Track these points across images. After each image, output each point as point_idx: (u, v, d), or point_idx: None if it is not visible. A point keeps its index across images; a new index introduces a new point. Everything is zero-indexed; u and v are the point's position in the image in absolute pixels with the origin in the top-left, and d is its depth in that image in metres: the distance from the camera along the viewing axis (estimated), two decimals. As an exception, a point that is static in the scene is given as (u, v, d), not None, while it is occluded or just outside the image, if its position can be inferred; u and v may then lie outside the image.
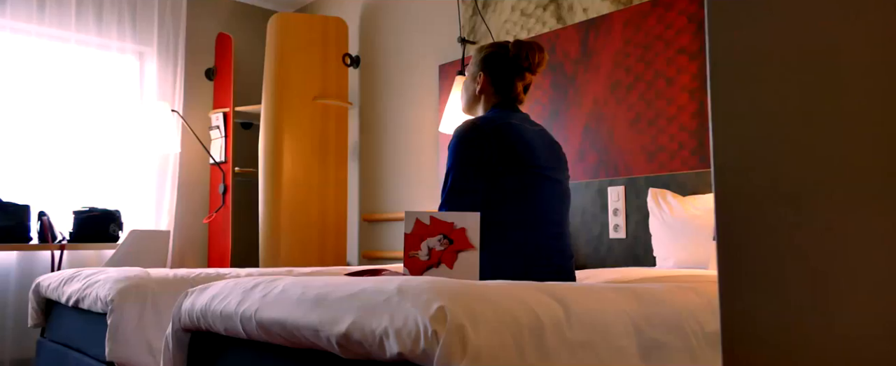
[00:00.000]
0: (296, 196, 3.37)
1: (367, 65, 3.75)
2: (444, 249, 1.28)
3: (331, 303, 1.04)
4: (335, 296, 1.05)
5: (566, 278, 1.67)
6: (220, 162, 3.63)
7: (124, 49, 3.52)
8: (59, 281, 2.05)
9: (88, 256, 3.33)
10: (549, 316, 0.94)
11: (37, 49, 3.23)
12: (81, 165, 3.32)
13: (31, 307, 2.24)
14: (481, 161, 1.59)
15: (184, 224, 3.66)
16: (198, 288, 1.44)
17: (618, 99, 2.59)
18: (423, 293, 0.92)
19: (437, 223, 1.28)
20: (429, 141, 3.37)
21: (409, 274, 1.30)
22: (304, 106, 3.45)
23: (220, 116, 3.66)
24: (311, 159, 3.45)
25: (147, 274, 1.85)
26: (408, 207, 3.47)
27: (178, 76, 3.63)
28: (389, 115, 3.60)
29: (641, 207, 2.45)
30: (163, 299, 1.77)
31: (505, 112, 1.71)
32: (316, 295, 1.09)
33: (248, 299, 1.25)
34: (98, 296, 1.77)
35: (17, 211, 2.95)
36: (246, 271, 2.02)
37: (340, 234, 3.53)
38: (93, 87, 3.40)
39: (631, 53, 2.55)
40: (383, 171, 3.62)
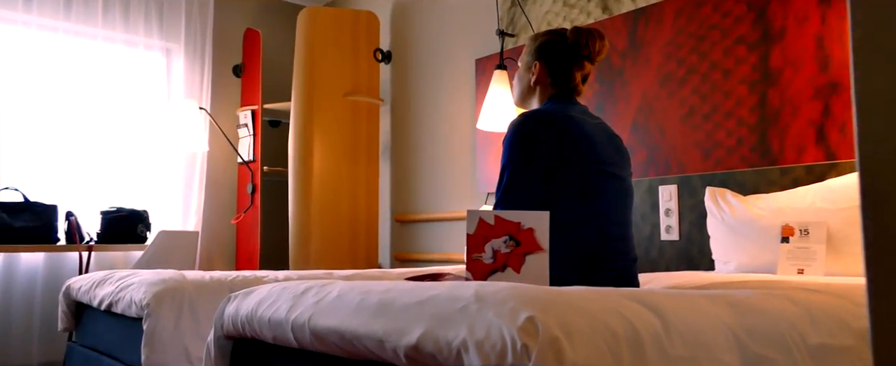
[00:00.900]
0: (326, 196, 3.31)
1: (399, 60, 3.68)
2: (511, 252, 1.19)
3: (397, 311, 0.96)
4: (401, 303, 0.97)
5: (629, 283, 1.57)
6: (249, 161, 3.58)
7: (151, 46, 3.48)
8: (90, 284, 2.00)
9: (116, 257, 3.30)
10: (646, 328, 0.85)
11: (64, 46, 3.21)
12: (108, 163, 3.30)
13: (61, 311, 2.20)
14: (539, 157, 1.50)
15: (211, 225, 3.62)
16: (241, 292, 1.38)
17: (669, 93, 2.48)
18: (507, 301, 0.83)
19: (502, 223, 1.20)
20: (464, 139, 3.29)
21: (471, 278, 1.21)
22: (334, 103, 3.39)
23: (248, 114, 3.61)
24: (341, 158, 3.38)
25: (182, 277, 1.79)
26: (441, 207, 3.39)
27: (205, 73, 3.59)
28: (422, 111, 3.53)
29: (696, 206, 2.34)
30: (200, 303, 1.71)
31: (563, 104, 1.62)
32: (378, 302, 1.01)
33: (300, 305, 1.17)
34: (132, 300, 1.71)
35: (44, 211, 2.92)
36: (284, 274, 1.96)
37: (372, 235, 3.47)
38: (120, 85, 3.37)
39: (683, 44, 2.44)
40: (416, 170, 3.54)
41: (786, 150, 2.15)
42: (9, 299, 2.97)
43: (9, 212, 2.82)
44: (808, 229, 1.90)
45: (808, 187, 2.00)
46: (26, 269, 3.04)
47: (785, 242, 1.93)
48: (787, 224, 1.94)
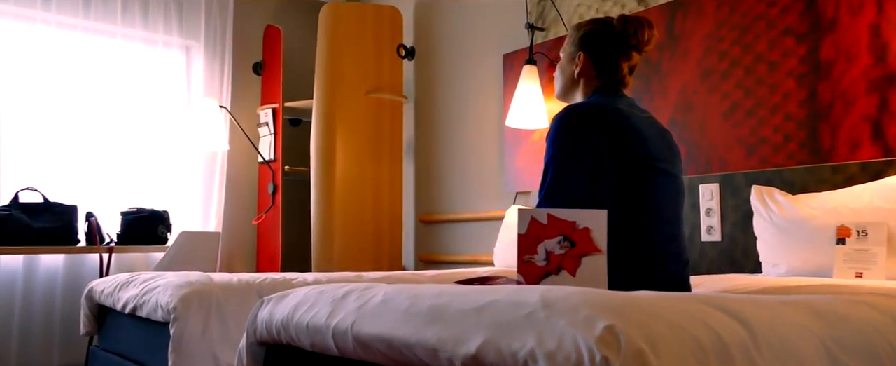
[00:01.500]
0: (349, 196, 3.26)
1: (423, 56, 3.62)
2: (565, 254, 1.12)
3: (452, 317, 0.90)
4: (457, 309, 0.91)
5: (681, 287, 1.50)
6: (270, 160, 3.54)
7: (171, 43, 3.45)
8: (113, 286, 1.96)
9: (136, 258, 3.27)
10: (733, 338, 0.78)
11: (82, 44, 3.18)
12: (127, 163, 3.27)
13: (83, 314, 2.16)
14: (586, 152, 1.43)
15: (232, 225, 3.58)
16: (275, 296, 1.32)
17: (709, 88, 2.39)
18: (579, 308, 0.76)
19: (555, 222, 1.13)
20: (492, 136, 3.22)
21: (523, 282, 1.14)
22: (357, 101, 3.33)
23: (268, 113, 3.57)
24: (364, 157, 3.33)
25: (209, 279, 1.74)
26: (467, 207, 3.32)
27: (225, 71, 3.55)
28: (447, 109, 3.46)
29: (739, 206, 2.26)
30: (228, 306, 1.66)
31: (610, 97, 1.54)
32: (430, 307, 0.95)
33: (341, 309, 1.11)
34: (158, 303, 1.66)
35: (64, 212, 2.89)
36: (313, 277, 1.90)
37: (396, 236, 3.41)
38: (139, 84, 3.35)
39: (725, 37, 2.36)
40: (441, 169, 3.48)
41: (838, 146, 2.06)
42: (29, 301, 2.95)
43: (29, 213, 2.80)
44: (866, 230, 1.81)
45: (865, 186, 1.91)
46: (46, 270, 3.02)
47: (841, 244, 1.84)
48: (842, 225, 1.85)
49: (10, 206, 2.78)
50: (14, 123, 2.99)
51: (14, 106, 3.00)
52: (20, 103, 3.01)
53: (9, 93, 2.99)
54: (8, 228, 2.70)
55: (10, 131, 2.98)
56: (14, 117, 2.99)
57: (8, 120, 2.98)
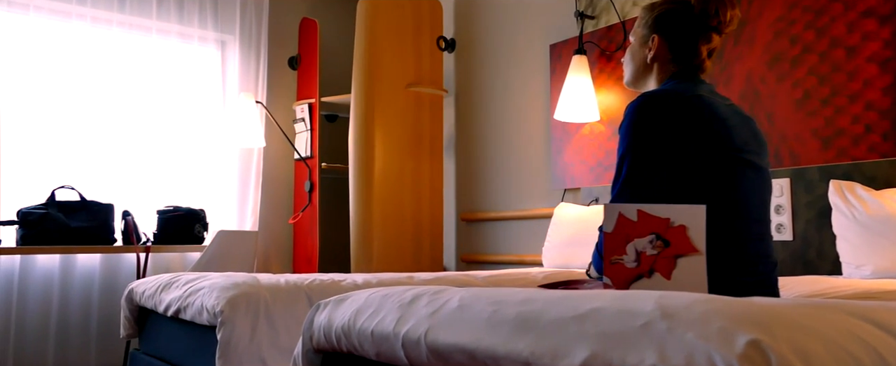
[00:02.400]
0: (388, 194, 3.18)
1: (464, 48, 3.53)
2: (658, 254, 1.02)
3: (547, 326, 0.80)
4: (553, 317, 0.81)
5: (770, 291, 1.38)
6: (306, 157, 3.48)
7: (206, 38, 3.41)
8: (155, 288, 1.91)
9: (171, 258, 3.24)
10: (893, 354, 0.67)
11: (118, 40, 3.16)
12: (161, 160, 3.24)
13: (124, 316, 2.12)
14: (665, 144, 1.32)
15: (268, 224, 3.54)
16: (332, 300, 1.24)
17: (779, 75, 2.26)
18: (710, 319, 0.67)
19: (646, 220, 1.03)
20: (538, 131, 3.11)
21: (611, 286, 1.05)
22: (396, 95, 3.25)
23: (304, 108, 3.51)
24: (404, 153, 3.25)
25: (256, 280, 1.67)
26: (512, 205, 3.22)
27: (261, 66, 3.50)
28: (490, 103, 3.37)
29: (813, 202, 2.12)
30: (276, 309, 1.59)
31: (688, 83, 1.43)
32: (519, 315, 0.86)
33: (411, 316, 1.02)
34: (204, 306, 1.60)
35: (101, 211, 2.86)
36: (363, 278, 1.82)
37: (436, 235, 3.32)
38: (174, 80, 3.31)
39: (797, 20, 2.22)
40: (483, 165, 3.38)
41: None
42: (66, 302, 2.93)
43: (65, 211, 2.78)
44: (967, 228, 1.67)
45: (963, 179, 1.76)
46: (83, 270, 3.00)
47: (938, 243, 1.70)
48: (939, 222, 1.71)
49: (47, 204, 2.76)
50: (49, 120, 2.98)
51: (49, 103, 2.98)
52: (55, 100, 3.00)
53: (44, 90, 2.97)
54: (45, 227, 2.68)
55: (45, 129, 2.97)
56: (49, 114, 2.98)
57: (43, 117, 2.97)
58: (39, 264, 2.90)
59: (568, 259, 2.63)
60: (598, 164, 2.80)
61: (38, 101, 2.95)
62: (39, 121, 2.95)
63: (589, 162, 2.84)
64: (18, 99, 2.92)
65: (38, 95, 2.95)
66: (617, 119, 2.74)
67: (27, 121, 2.93)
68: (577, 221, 2.66)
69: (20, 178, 2.90)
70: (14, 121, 2.90)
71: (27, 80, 2.93)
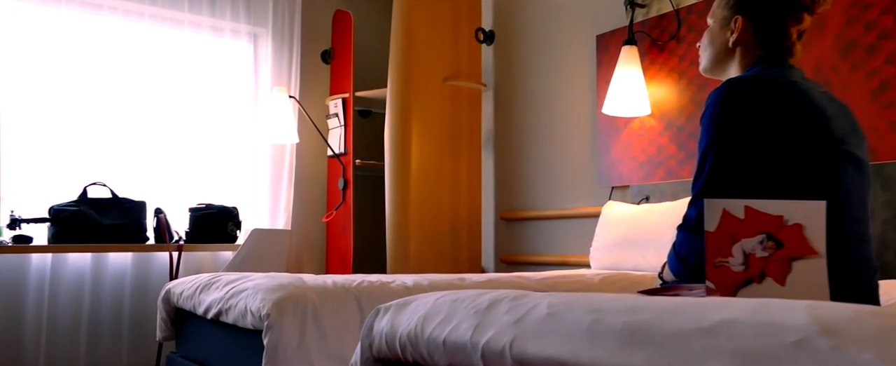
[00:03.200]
0: (425, 191, 3.10)
1: (503, 40, 3.43)
2: (769, 256, 0.91)
3: (668, 340, 0.70)
4: (670, 329, 0.71)
5: (871, 300, 1.26)
6: (340, 154, 3.41)
7: (238, 31, 3.36)
8: (194, 289, 1.84)
9: (203, 257, 3.18)
10: None
11: (149, 34, 3.11)
12: (192, 156, 3.19)
13: (160, 318, 2.05)
14: (755, 134, 1.21)
15: (300, 223, 3.47)
16: (393, 305, 1.15)
17: (853, 64, 2.13)
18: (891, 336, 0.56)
19: (755, 217, 0.92)
20: (583, 126, 3.00)
21: (715, 291, 0.94)
22: (433, 89, 3.17)
23: (338, 103, 3.44)
24: (441, 149, 3.16)
25: (302, 281, 1.60)
26: (554, 204, 3.11)
27: (293, 59, 3.44)
28: (531, 97, 3.26)
29: (892, 200, 1.99)
30: (324, 312, 1.51)
31: (777, 68, 1.32)
32: (627, 325, 0.76)
33: (490, 324, 0.93)
34: (248, 308, 1.52)
35: (133, 208, 2.82)
36: (412, 280, 1.73)
37: (474, 234, 3.23)
38: (206, 74, 3.26)
39: (873, 4, 2.09)
40: (524, 162, 3.28)
41: None
42: (97, 301, 2.89)
43: (97, 208, 2.73)
44: None
45: None
46: (114, 269, 2.95)
47: None
48: None
49: (79, 201, 2.72)
50: (80, 116, 2.94)
51: (80, 98, 2.94)
52: (86, 95, 2.96)
53: (76, 85, 2.93)
54: (77, 225, 2.63)
55: (76, 124, 2.93)
56: (81, 110, 2.94)
57: (74, 112, 2.93)
58: (71, 263, 2.86)
59: (618, 261, 2.52)
60: (648, 160, 2.68)
61: (69, 96, 2.91)
62: (71, 116, 2.91)
63: (639, 158, 2.72)
64: (50, 94, 2.88)
65: (69, 90, 2.92)
66: (669, 113, 2.63)
67: (59, 116, 2.89)
68: (627, 220, 2.55)
69: (51, 174, 2.86)
70: (46, 116, 2.87)
71: (58, 76, 2.90)
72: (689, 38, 2.57)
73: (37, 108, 2.86)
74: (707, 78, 2.49)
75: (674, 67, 2.63)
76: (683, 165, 2.56)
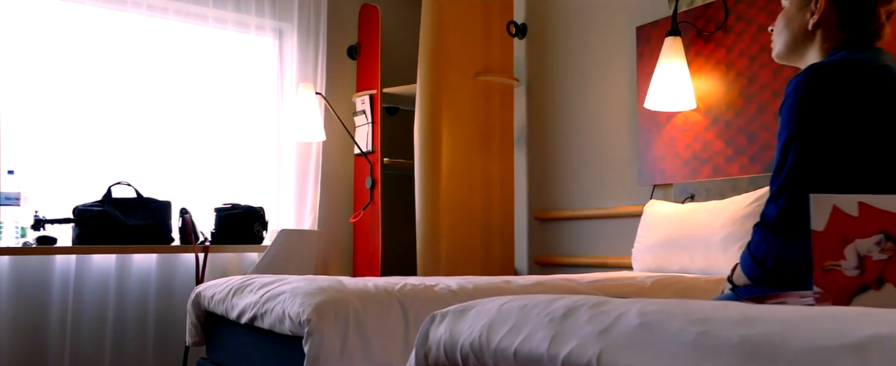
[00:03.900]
0: (456, 191, 3.01)
1: (536, 33, 3.33)
2: (889, 259, 0.81)
3: (804, 358, 0.61)
4: (804, 344, 0.62)
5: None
6: (367, 152, 3.33)
7: (263, 26, 3.29)
8: (226, 292, 1.76)
9: (229, 259, 3.12)
10: None
11: (173, 31, 3.06)
12: (217, 155, 3.13)
13: (189, 322, 1.99)
14: (844, 123, 1.12)
15: (326, 223, 3.39)
16: (451, 310, 1.06)
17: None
18: None
19: (871, 215, 0.82)
20: (622, 121, 2.90)
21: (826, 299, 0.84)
22: (463, 84, 3.08)
23: (365, 100, 3.36)
24: (472, 147, 3.07)
25: (342, 284, 1.51)
26: (591, 203, 3.01)
27: (320, 55, 3.37)
28: (565, 92, 3.16)
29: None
30: (368, 318, 1.42)
31: (865, 52, 1.22)
32: (745, 339, 0.66)
33: (570, 334, 0.84)
34: (286, 313, 1.45)
35: (158, 208, 2.76)
36: (456, 283, 1.65)
37: (507, 235, 3.14)
38: (231, 71, 3.20)
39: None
40: (558, 160, 3.18)
41: None
42: (122, 304, 2.84)
43: (122, 209, 2.68)
44: None
45: None
46: (139, 270, 2.90)
47: None
48: None
49: (103, 201, 2.66)
50: (104, 114, 2.89)
51: (104, 95, 2.89)
52: (110, 93, 2.91)
53: (99, 82, 2.88)
54: (102, 225, 2.58)
55: (99, 122, 2.88)
56: (104, 108, 2.89)
57: (97, 110, 2.88)
58: (95, 264, 2.81)
59: (663, 262, 2.42)
60: (693, 156, 2.57)
61: (92, 94, 2.87)
62: (94, 114, 2.87)
63: (683, 155, 2.61)
64: (73, 92, 2.83)
65: (92, 88, 2.87)
66: (716, 107, 2.52)
67: (82, 115, 2.84)
68: (672, 220, 2.44)
69: (75, 174, 2.81)
70: (69, 115, 2.82)
71: (82, 73, 2.85)
72: (738, 28, 2.46)
73: (60, 106, 2.81)
74: (757, 70, 2.39)
75: (721, 59, 2.52)
76: (731, 161, 2.45)
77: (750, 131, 2.40)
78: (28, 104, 2.75)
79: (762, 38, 2.37)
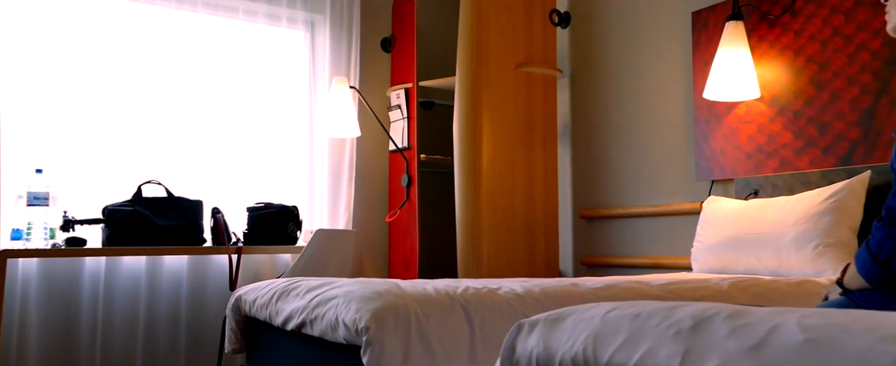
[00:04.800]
0: (498, 188, 2.88)
1: (581, 22, 3.19)
2: None
3: None
4: None
5: None
6: (403, 148, 3.22)
7: (295, 19, 3.19)
8: (269, 296, 1.66)
9: (260, 260, 3.02)
10: None
11: (203, 24, 2.97)
12: (248, 152, 3.03)
13: (229, 328, 1.88)
14: None
15: (361, 223, 3.28)
16: (542, 319, 0.94)
17: None
18: None
19: None
20: (675, 113, 2.75)
21: None
22: (505, 76, 2.95)
23: (401, 94, 3.24)
24: (514, 142, 2.95)
25: (399, 288, 1.40)
26: (641, 200, 2.87)
27: (353, 48, 3.26)
28: (612, 82, 3.02)
29: None
30: (430, 326, 1.30)
31: None
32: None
33: (707, 349, 0.71)
34: (340, 320, 1.33)
35: (190, 208, 2.67)
36: (520, 285, 1.52)
37: (551, 235, 3.01)
38: (262, 66, 3.11)
39: None
40: (605, 155, 3.04)
41: None
42: (154, 308, 2.75)
43: (153, 209, 2.59)
44: None
45: None
46: (170, 272, 2.81)
47: None
48: None
49: (133, 201, 2.57)
50: (133, 111, 2.81)
51: (133, 92, 2.81)
52: (139, 89, 2.82)
53: (128, 78, 2.80)
54: (132, 226, 2.49)
55: (129, 119, 2.80)
56: (133, 104, 2.81)
57: (127, 107, 2.80)
58: (125, 265, 2.73)
59: (727, 263, 2.27)
60: (757, 149, 2.42)
61: (121, 90, 2.79)
62: (123, 111, 2.79)
63: (745, 148, 2.46)
64: (101, 89, 2.76)
65: (121, 84, 2.79)
66: (783, 96, 2.36)
67: (110, 111, 2.76)
68: (736, 217, 2.29)
69: (104, 172, 2.73)
70: (98, 112, 2.74)
71: (110, 69, 2.77)
72: (808, 11, 2.30)
73: (88, 102, 2.73)
74: (830, 56, 2.23)
75: (788, 45, 2.36)
76: (801, 154, 2.29)
77: (822, 122, 2.24)
78: (56, 101, 2.67)
79: (835, 21, 2.21)
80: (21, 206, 2.40)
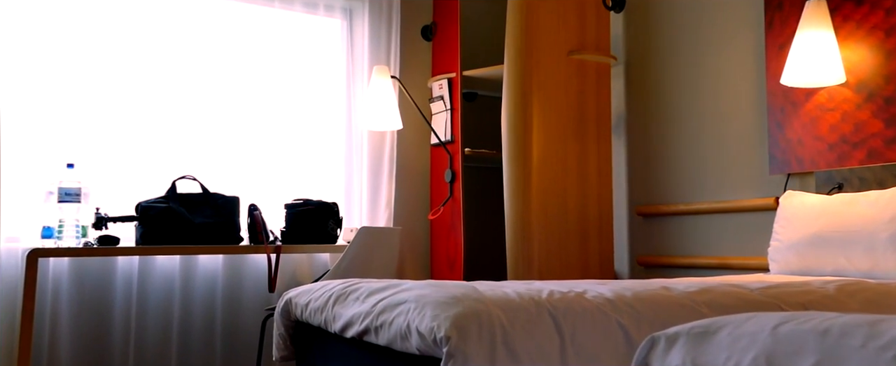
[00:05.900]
0: (549, 183, 2.73)
1: (636, 5, 3.02)
2: None
3: None
4: None
5: None
6: (447, 142, 3.07)
7: (332, 6, 3.06)
8: (325, 299, 1.52)
9: (298, 260, 2.90)
10: None
11: (238, 14, 2.85)
12: (284, 147, 2.91)
13: (277, 334, 1.75)
14: None
15: (402, 220, 3.14)
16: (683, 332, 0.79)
17: None
18: None
19: None
20: (746, 101, 2.57)
21: None
22: (556, 64, 2.79)
23: (443, 84, 3.10)
24: (566, 134, 2.79)
25: (477, 292, 1.25)
26: (705, 195, 2.69)
27: (393, 36, 3.12)
28: (672, 70, 2.84)
29: None
30: (516, 335, 1.15)
31: None
32: None
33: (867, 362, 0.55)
34: (413, 328, 1.18)
35: (226, 205, 2.55)
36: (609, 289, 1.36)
37: (606, 232, 2.85)
38: (299, 57, 2.98)
39: None
40: (664, 147, 2.87)
41: None
42: (188, 309, 2.64)
43: (187, 205, 2.47)
44: None
45: None
46: (204, 271, 2.70)
47: None
48: None
49: (168, 197, 2.46)
50: (167, 103, 2.69)
51: (166, 85, 2.70)
52: (173, 81, 2.71)
53: (161, 71, 2.69)
54: (166, 224, 2.38)
55: (162, 112, 2.69)
56: (167, 97, 2.70)
57: (160, 99, 2.69)
58: (159, 264, 2.62)
59: (812, 263, 2.09)
60: (841, 139, 2.24)
61: (154, 82, 2.68)
62: (156, 105, 2.68)
63: (827, 138, 2.28)
64: (133, 80, 2.65)
65: (154, 77, 2.68)
66: (871, 81, 2.17)
67: (143, 104, 2.66)
68: (820, 214, 2.12)
69: (137, 167, 2.63)
70: (129, 104, 2.64)
71: (143, 60, 2.66)
72: (901, -14, 2.11)
73: (120, 95, 2.63)
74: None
75: (877, 24, 2.17)
76: (893, 144, 2.10)
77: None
78: (87, 93, 2.57)
79: (934, -3, 2.02)
80: (52, 202, 2.29)
